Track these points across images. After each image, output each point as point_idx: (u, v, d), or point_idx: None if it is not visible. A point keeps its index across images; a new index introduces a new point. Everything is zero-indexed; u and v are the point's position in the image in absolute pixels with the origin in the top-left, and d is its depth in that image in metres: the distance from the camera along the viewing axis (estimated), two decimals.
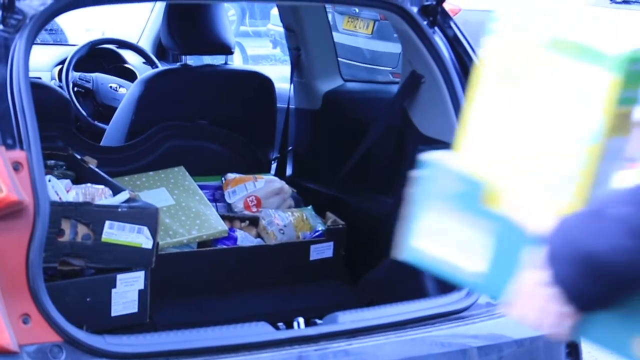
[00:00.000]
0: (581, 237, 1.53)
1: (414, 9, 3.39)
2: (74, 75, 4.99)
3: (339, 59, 4.54)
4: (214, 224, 3.70)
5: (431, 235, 1.68)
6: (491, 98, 1.61)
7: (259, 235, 3.79)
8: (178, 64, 4.45)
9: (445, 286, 2.98)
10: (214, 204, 3.88)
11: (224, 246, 3.70)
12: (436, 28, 3.41)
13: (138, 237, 3.01)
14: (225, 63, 4.29)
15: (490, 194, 1.61)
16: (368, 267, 3.68)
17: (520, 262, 1.59)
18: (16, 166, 2.56)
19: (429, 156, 1.67)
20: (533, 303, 1.60)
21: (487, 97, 1.62)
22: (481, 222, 1.62)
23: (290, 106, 4.41)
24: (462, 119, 1.66)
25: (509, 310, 1.65)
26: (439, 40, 3.40)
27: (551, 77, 1.56)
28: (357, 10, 9.05)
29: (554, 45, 1.55)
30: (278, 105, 4.27)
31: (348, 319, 2.94)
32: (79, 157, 3.53)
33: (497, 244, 1.62)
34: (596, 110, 1.52)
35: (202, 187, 3.88)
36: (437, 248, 1.68)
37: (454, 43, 3.39)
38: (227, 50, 4.15)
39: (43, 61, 5.12)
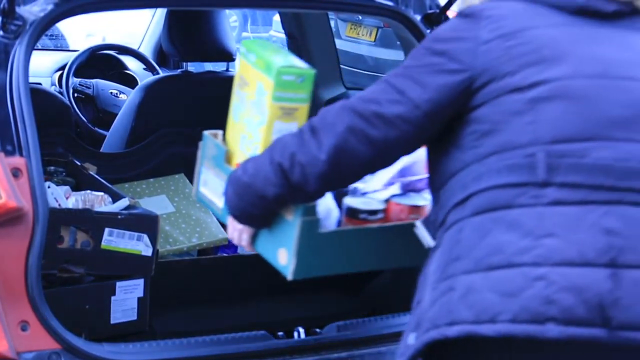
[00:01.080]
0: (237, 169, 2.26)
1: (417, 17, 3.38)
2: (74, 81, 4.97)
3: (342, 66, 4.53)
4: (214, 231, 3.69)
5: (205, 183, 2.52)
6: (235, 97, 2.45)
7: None
8: (179, 70, 4.45)
9: None
10: None
11: (225, 254, 3.68)
12: None
13: (138, 244, 3.00)
14: (227, 70, 4.28)
15: (228, 156, 2.44)
16: (370, 276, 3.66)
17: None
18: (15, 172, 2.55)
19: (206, 132, 2.53)
20: (230, 224, 2.35)
21: (234, 97, 2.45)
22: (223, 174, 2.41)
23: None
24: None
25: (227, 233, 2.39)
26: None
27: (254, 82, 2.36)
28: (360, 18, 9.03)
29: (257, 62, 2.35)
30: None
31: (349, 328, 2.92)
32: (78, 163, 3.52)
33: None
34: (266, 103, 2.32)
35: None
36: (208, 192, 2.51)
37: None
38: (228, 57, 4.14)
39: (43, 67, 5.11)
